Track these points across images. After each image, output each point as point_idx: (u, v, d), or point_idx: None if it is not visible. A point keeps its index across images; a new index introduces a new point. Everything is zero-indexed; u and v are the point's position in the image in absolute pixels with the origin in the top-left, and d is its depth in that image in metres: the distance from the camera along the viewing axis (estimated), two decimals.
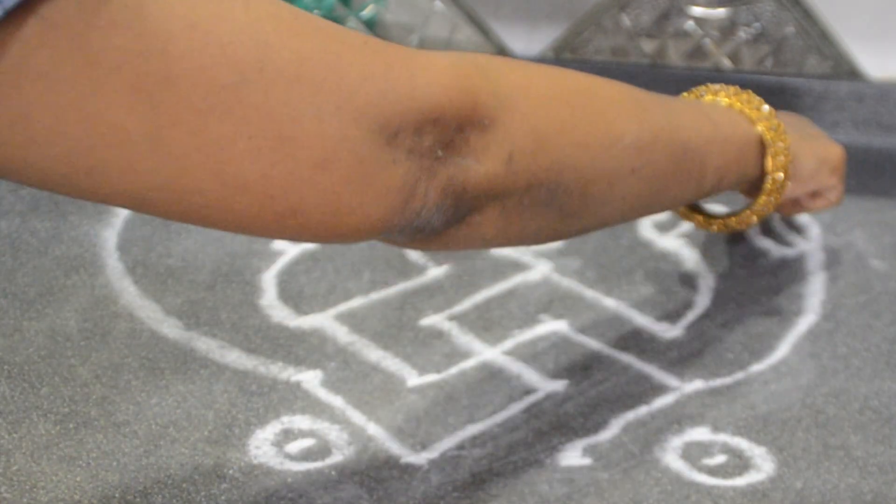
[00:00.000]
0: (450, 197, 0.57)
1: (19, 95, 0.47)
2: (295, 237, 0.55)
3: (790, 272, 0.88)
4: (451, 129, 0.56)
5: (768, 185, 0.76)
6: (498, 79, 0.59)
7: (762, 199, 0.77)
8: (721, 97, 0.76)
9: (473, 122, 0.56)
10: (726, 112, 0.75)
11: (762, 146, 0.75)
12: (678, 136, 0.69)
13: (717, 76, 1.03)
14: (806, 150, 0.79)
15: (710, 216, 0.81)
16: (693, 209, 0.82)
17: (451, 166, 0.56)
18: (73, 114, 0.47)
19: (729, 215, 0.80)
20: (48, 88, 0.47)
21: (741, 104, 0.76)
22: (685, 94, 0.78)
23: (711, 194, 0.74)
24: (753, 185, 0.78)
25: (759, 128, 0.75)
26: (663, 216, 0.91)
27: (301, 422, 0.72)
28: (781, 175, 0.76)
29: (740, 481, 0.69)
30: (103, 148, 0.48)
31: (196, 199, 0.51)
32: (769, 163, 0.76)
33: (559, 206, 0.62)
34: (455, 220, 0.58)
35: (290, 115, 0.51)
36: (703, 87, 0.78)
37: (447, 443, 0.71)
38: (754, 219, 0.79)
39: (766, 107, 0.76)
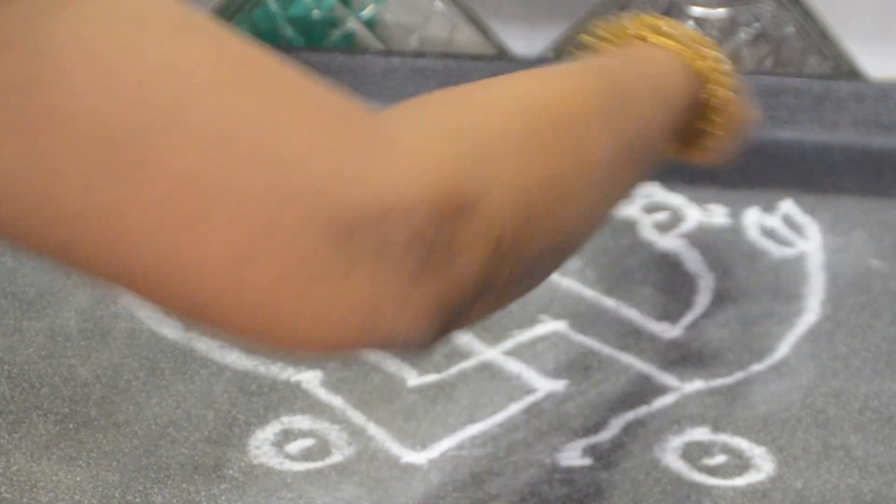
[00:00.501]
0: (435, 312, 0.45)
1: None
2: (223, 333, 0.44)
3: (790, 272, 0.87)
4: (427, 226, 0.43)
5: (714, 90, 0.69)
6: (475, 152, 0.47)
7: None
8: (678, 47, 0.67)
9: (456, 214, 0.44)
10: (679, 78, 0.67)
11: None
12: (643, 135, 0.61)
13: None
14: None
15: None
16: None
17: (432, 273, 0.44)
18: None
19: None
20: None
21: (693, 56, 0.68)
22: (640, 20, 0.70)
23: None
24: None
25: (709, 80, 0.68)
26: (664, 217, 0.91)
27: (301, 422, 0.72)
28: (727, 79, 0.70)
29: (740, 481, 0.69)
30: None
31: (88, 267, 0.42)
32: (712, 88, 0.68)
33: (546, 266, 0.54)
34: (443, 332, 0.46)
35: (206, 186, 0.40)
36: (662, 23, 0.69)
37: (447, 443, 0.71)
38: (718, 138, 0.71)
39: (708, 53, 0.68)
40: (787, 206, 0.93)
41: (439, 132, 0.47)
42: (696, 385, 0.76)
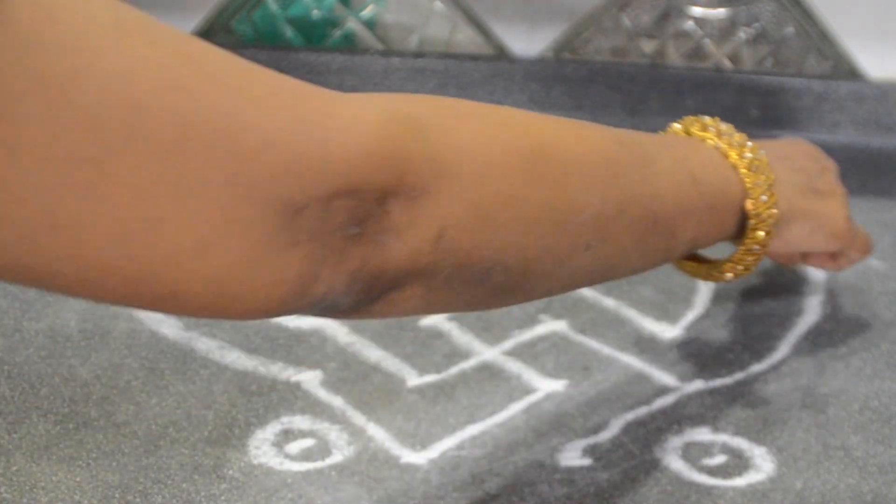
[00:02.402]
0: (361, 281, 0.48)
1: None
2: (178, 314, 0.47)
3: (790, 272, 0.88)
4: (369, 202, 0.47)
5: (743, 249, 0.68)
6: (437, 139, 0.49)
7: (738, 259, 0.69)
8: (722, 144, 0.67)
9: (398, 193, 0.47)
10: (719, 169, 0.66)
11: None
12: (651, 207, 0.60)
13: (717, 76, 1.03)
14: (797, 210, 0.71)
15: (693, 264, 0.72)
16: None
17: (365, 246, 0.47)
18: None
19: (707, 263, 0.72)
20: None
21: (738, 159, 0.66)
22: (691, 119, 0.69)
23: (681, 257, 0.68)
24: (735, 238, 0.69)
25: (749, 193, 0.66)
26: None
27: (301, 422, 0.72)
28: (758, 247, 0.68)
29: (740, 481, 0.69)
30: None
31: (55, 281, 0.43)
32: (749, 234, 0.68)
33: (494, 284, 0.53)
34: (367, 301, 0.50)
35: (166, 192, 0.42)
36: (710, 121, 0.68)
37: (447, 443, 0.71)
38: (730, 276, 0.70)
39: (756, 166, 0.66)
40: None
41: (403, 120, 0.48)
42: (696, 385, 0.76)
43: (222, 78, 0.44)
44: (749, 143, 0.67)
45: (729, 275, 0.70)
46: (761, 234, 0.68)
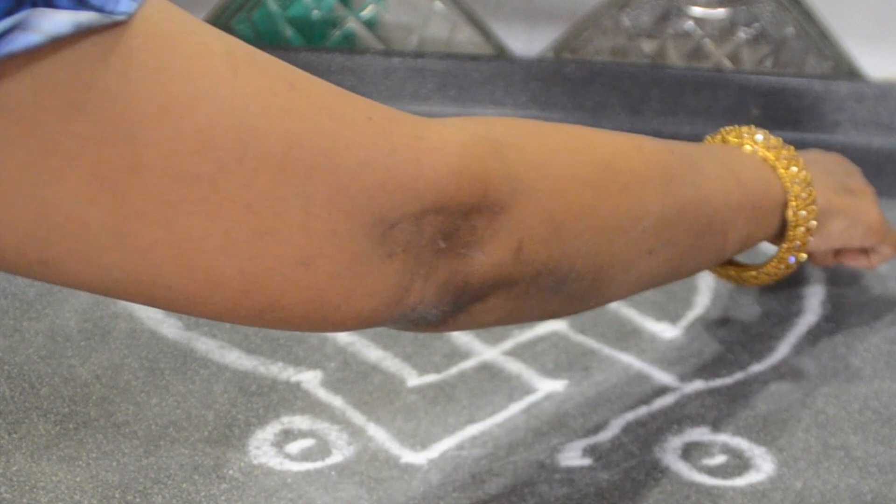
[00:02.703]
0: (450, 292, 0.52)
1: None
2: (275, 328, 0.50)
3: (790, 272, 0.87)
4: (456, 218, 0.50)
5: (786, 245, 0.74)
6: (515, 159, 0.53)
7: (781, 256, 0.75)
8: (760, 148, 0.72)
9: (482, 209, 0.51)
10: (760, 171, 0.71)
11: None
12: (704, 209, 0.64)
13: (717, 76, 1.03)
14: (836, 207, 0.76)
15: (736, 268, 0.77)
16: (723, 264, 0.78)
17: (453, 258, 0.51)
18: (26, 204, 0.42)
19: (749, 268, 0.77)
20: None
21: (776, 160, 0.72)
22: (728, 129, 0.74)
23: (730, 257, 0.73)
24: (777, 237, 0.74)
25: (788, 191, 0.71)
26: None
27: (301, 422, 0.72)
28: (800, 243, 0.73)
29: (740, 481, 0.69)
30: (60, 240, 0.43)
31: (163, 294, 0.46)
32: (790, 230, 0.73)
33: (568, 291, 0.57)
34: (453, 312, 0.53)
35: (273, 207, 0.45)
36: (746, 129, 0.73)
37: (447, 443, 0.71)
38: (775, 273, 0.76)
39: (794, 168, 0.72)
40: None
41: (484, 142, 0.52)
42: (696, 385, 0.76)
43: (323, 103, 0.47)
44: (785, 147, 0.72)
45: (774, 272, 0.75)
46: (802, 229, 0.73)
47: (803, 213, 0.72)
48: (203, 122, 0.43)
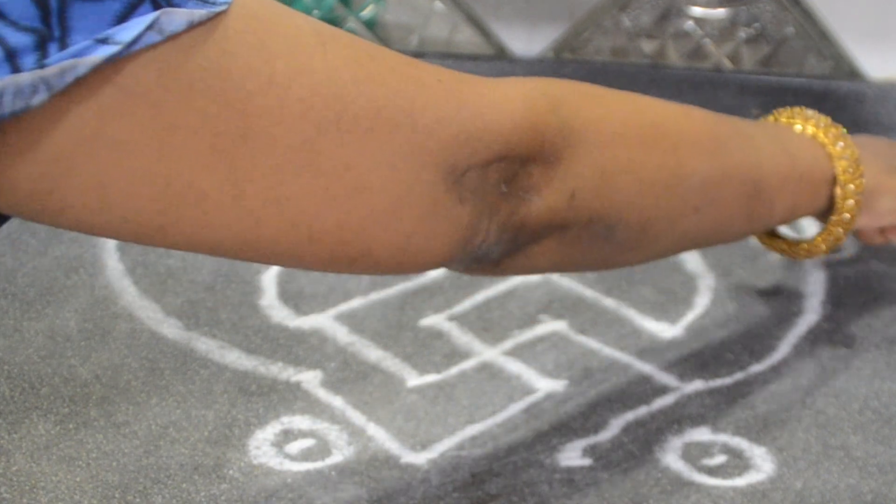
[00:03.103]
0: (510, 231, 0.57)
1: (95, 163, 0.45)
2: (361, 273, 0.55)
3: (790, 272, 0.88)
4: (515, 166, 0.56)
5: (835, 218, 0.75)
6: (570, 114, 0.58)
7: (830, 230, 0.76)
8: (809, 126, 0.75)
9: (539, 158, 0.56)
10: (809, 146, 0.73)
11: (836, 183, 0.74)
12: (752, 175, 0.68)
13: (717, 76, 1.03)
14: (884, 186, 0.77)
15: (788, 242, 0.79)
16: (772, 235, 0.79)
17: (513, 201, 0.56)
18: (150, 178, 0.46)
19: (799, 242, 0.78)
20: (125, 155, 0.46)
21: (825, 137, 0.74)
22: (779, 110, 0.77)
23: (777, 226, 0.75)
24: (824, 213, 0.76)
25: (836, 165, 0.73)
26: None
27: (301, 422, 0.72)
28: (848, 216, 0.75)
29: (740, 481, 0.69)
30: (178, 207, 0.47)
31: (269, 249, 0.50)
32: (839, 202, 0.74)
33: (617, 240, 0.62)
34: (513, 251, 0.58)
35: (365, 164, 0.50)
36: (797, 110, 0.76)
37: (447, 443, 0.71)
38: (823, 247, 0.77)
39: (841, 144, 0.74)
40: None
41: (542, 97, 0.57)
42: (696, 385, 0.76)
43: (400, 70, 0.52)
44: (835, 126, 0.75)
45: (822, 246, 0.77)
46: (851, 202, 0.74)
47: (851, 186, 0.74)
48: (303, 91, 0.48)
